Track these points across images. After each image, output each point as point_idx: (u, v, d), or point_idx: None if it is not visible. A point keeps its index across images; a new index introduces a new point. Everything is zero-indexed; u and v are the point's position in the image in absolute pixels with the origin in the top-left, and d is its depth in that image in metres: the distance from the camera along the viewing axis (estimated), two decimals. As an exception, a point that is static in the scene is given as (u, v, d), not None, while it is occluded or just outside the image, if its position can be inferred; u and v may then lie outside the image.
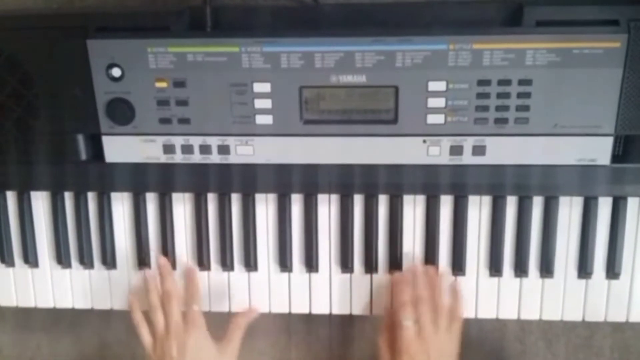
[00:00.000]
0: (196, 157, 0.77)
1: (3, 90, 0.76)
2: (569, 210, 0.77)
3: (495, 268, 0.78)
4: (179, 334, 0.75)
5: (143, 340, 0.78)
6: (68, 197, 0.83)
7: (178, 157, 0.77)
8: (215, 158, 0.77)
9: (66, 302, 0.86)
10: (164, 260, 0.81)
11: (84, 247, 0.83)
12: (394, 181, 0.76)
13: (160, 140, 0.76)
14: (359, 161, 0.75)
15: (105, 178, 0.80)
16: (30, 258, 0.84)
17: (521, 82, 0.70)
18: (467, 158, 0.74)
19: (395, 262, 0.80)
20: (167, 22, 0.73)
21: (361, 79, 0.71)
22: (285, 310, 0.83)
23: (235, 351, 0.79)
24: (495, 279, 0.79)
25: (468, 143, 0.73)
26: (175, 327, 0.75)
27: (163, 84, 0.73)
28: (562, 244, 0.78)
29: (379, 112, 0.73)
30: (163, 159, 0.77)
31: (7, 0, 0.83)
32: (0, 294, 0.87)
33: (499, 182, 0.75)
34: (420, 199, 0.79)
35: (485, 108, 0.71)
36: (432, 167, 0.75)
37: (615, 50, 0.68)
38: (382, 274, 0.80)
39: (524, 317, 0.80)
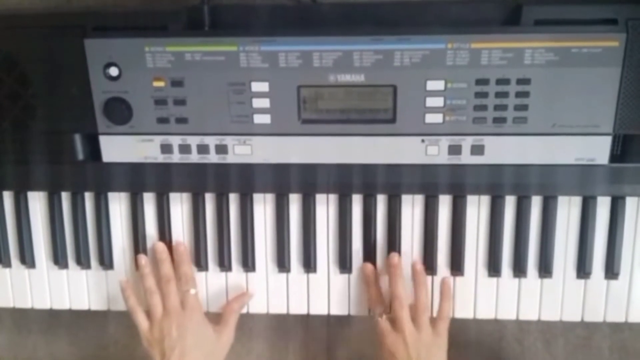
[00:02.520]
0: (194, 157, 0.77)
1: (0, 89, 0.76)
2: (568, 210, 0.77)
3: (494, 268, 0.78)
4: (178, 316, 0.76)
5: (139, 324, 0.78)
6: (65, 197, 0.82)
7: (176, 157, 0.77)
8: (213, 158, 0.77)
9: (63, 303, 0.85)
10: (161, 246, 0.81)
11: (81, 247, 0.83)
12: (393, 181, 0.76)
13: (158, 139, 0.76)
14: (357, 161, 0.75)
15: (103, 178, 0.79)
16: (27, 259, 0.84)
17: (520, 82, 0.70)
18: (466, 158, 0.74)
19: (393, 262, 0.79)
20: (164, 21, 0.72)
21: (359, 78, 0.71)
22: (284, 311, 0.82)
23: (232, 334, 0.80)
24: (494, 279, 0.79)
25: (466, 142, 0.73)
26: (175, 309, 0.77)
27: (161, 83, 0.73)
28: (561, 244, 0.77)
29: (377, 112, 0.73)
30: (160, 158, 0.77)
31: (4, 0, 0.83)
32: (-3, 295, 0.86)
33: (497, 182, 0.75)
34: (419, 199, 0.78)
35: (483, 107, 0.71)
36: (430, 166, 0.75)
37: (614, 49, 0.68)
38: (380, 275, 0.80)
39: (522, 317, 0.80)
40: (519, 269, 0.78)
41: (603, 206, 0.76)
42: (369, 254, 0.80)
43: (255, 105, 0.73)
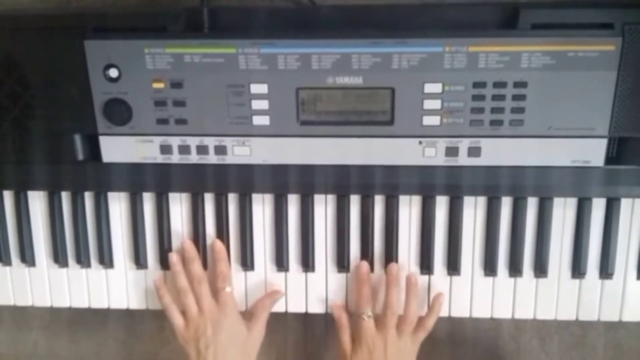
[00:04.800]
0: (193, 158, 0.77)
1: (0, 90, 0.76)
2: (563, 211, 0.77)
3: (490, 268, 0.79)
4: (213, 315, 0.77)
5: (174, 322, 0.79)
6: (65, 197, 0.83)
7: (175, 158, 0.77)
8: (212, 158, 0.77)
9: (63, 301, 0.86)
10: (189, 244, 0.81)
11: (80, 246, 0.83)
12: (390, 182, 0.77)
13: (158, 140, 0.77)
14: (356, 162, 0.76)
15: (102, 178, 0.80)
16: (27, 257, 0.84)
17: (516, 85, 0.70)
18: (463, 159, 0.74)
19: (390, 261, 0.80)
20: (164, 23, 0.73)
21: (358, 80, 0.72)
22: (282, 310, 0.83)
23: (262, 330, 0.81)
24: (490, 279, 0.80)
25: (463, 144, 0.74)
26: (209, 309, 0.78)
27: (160, 85, 0.74)
28: (556, 244, 0.78)
29: (376, 114, 0.73)
30: (160, 159, 0.78)
31: (4, 0, 0.83)
32: (-2, 292, 0.87)
33: (494, 183, 0.76)
34: (416, 200, 0.79)
35: (480, 110, 0.72)
36: (427, 168, 0.75)
37: (610, 53, 0.68)
38: (378, 274, 0.81)
39: (518, 316, 0.81)
40: (515, 269, 0.79)
41: (598, 207, 0.77)
42: (367, 254, 0.80)
43: (254, 107, 0.74)
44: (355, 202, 0.80)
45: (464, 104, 0.72)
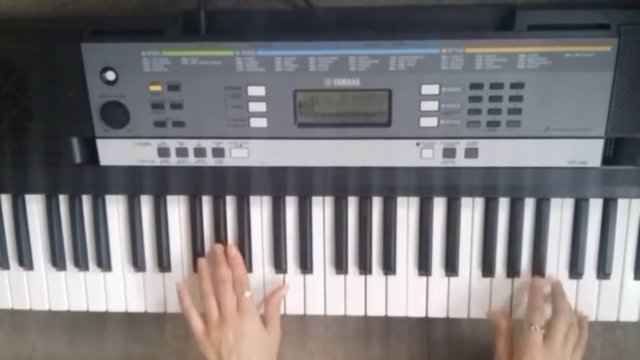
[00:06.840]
0: (191, 160, 0.77)
1: (-3, 93, 0.76)
2: (560, 211, 0.78)
3: (487, 269, 0.79)
4: (234, 320, 0.76)
5: (193, 326, 0.78)
6: (63, 200, 0.83)
7: (173, 160, 0.77)
8: (209, 161, 0.77)
9: (61, 304, 0.86)
10: (220, 248, 0.81)
11: (78, 249, 0.83)
12: (388, 183, 0.77)
13: (155, 143, 0.77)
14: (353, 164, 0.76)
15: (100, 181, 0.80)
16: (25, 261, 0.84)
17: (513, 86, 0.70)
18: (460, 160, 0.75)
19: (389, 263, 0.80)
20: (161, 26, 0.73)
21: (355, 82, 0.72)
22: (280, 312, 0.83)
23: (279, 329, 0.81)
24: (488, 280, 0.80)
25: (461, 146, 0.74)
26: (231, 314, 0.77)
27: (157, 88, 0.74)
28: (554, 245, 0.79)
29: (373, 115, 0.73)
30: (158, 161, 0.78)
31: (1, 3, 0.83)
32: (-4, 296, 0.87)
33: (491, 184, 0.76)
34: (414, 201, 0.79)
35: (477, 111, 0.72)
36: (425, 169, 0.76)
37: (606, 54, 0.69)
38: (376, 275, 0.81)
39: (516, 316, 0.80)
40: (513, 270, 0.79)
41: (595, 208, 0.77)
42: (365, 255, 0.80)
43: (251, 109, 0.74)
44: (353, 203, 0.80)
45: (461, 106, 0.72)
